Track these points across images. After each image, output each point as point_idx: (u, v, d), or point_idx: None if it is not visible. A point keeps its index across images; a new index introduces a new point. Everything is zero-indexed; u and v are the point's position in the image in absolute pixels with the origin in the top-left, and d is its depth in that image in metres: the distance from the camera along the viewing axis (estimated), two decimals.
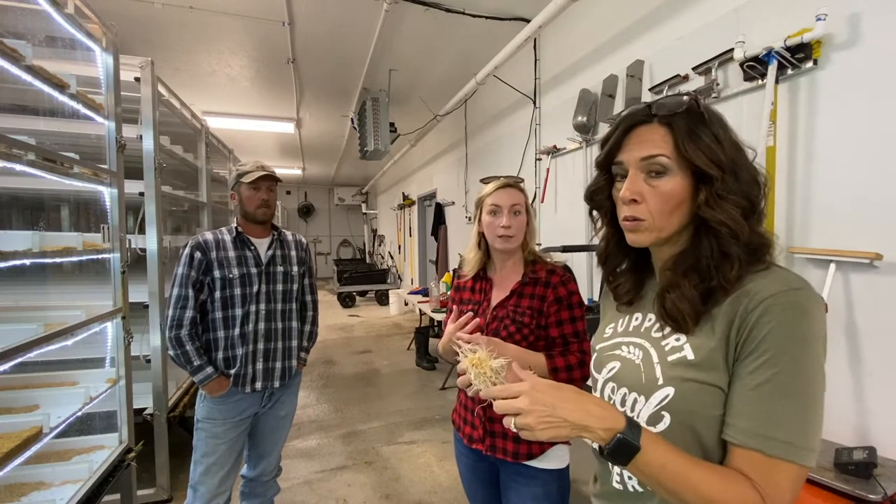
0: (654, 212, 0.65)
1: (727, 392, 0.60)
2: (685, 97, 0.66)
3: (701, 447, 0.62)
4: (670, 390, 0.63)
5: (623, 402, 0.70)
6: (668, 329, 0.68)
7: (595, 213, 0.80)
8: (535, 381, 0.61)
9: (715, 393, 0.61)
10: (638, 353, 0.71)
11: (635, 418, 0.66)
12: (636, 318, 0.76)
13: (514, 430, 0.60)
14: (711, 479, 0.56)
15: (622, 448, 0.56)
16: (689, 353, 0.63)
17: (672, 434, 0.62)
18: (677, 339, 0.66)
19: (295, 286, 1.85)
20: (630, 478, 0.70)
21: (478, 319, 1.20)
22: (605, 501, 0.76)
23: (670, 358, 0.65)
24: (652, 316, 0.72)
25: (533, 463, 1.22)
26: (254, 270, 1.74)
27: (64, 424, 1.52)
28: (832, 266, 1.57)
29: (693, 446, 0.62)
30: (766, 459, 0.56)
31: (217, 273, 1.68)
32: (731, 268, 0.62)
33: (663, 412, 0.63)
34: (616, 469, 0.72)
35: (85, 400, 1.65)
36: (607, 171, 0.73)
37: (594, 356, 0.81)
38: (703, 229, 0.65)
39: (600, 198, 0.76)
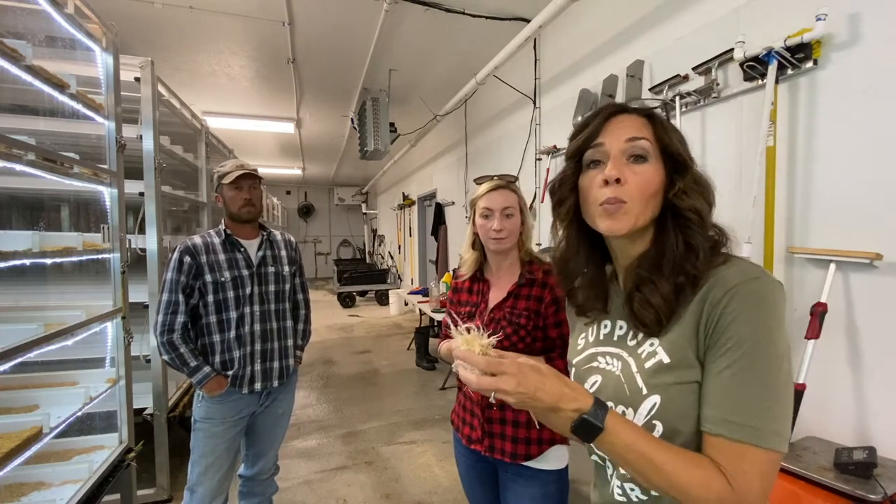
0: (634, 196, 0.65)
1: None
2: (653, 101, 0.73)
3: (697, 448, 0.62)
4: (657, 398, 0.63)
5: None
6: (641, 335, 0.68)
7: (558, 208, 0.76)
8: (521, 364, 0.61)
9: (696, 390, 0.62)
10: (616, 364, 0.71)
11: None
12: (605, 326, 0.76)
13: (493, 401, 0.60)
14: (677, 461, 0.57)
15: (586, 427, 0.58)
16: (663, 357, 0.64)
17: (668, 440, 0.62)
18: (651, 345, 0.66)
19: (287, 286, 1.85)
20: (633, 489, 0.70)
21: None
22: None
23: (647, 365, 0.65)
24: (622, 323, 0.72)
25: (531, 463, 1.21)
26: (245, 272, 1.74)
27: (64, 424, 1.52)
28: (832, 266, 1.57)
29: (690, 448, 0.62)
30: (730, 445, 0.57)
31: (208, 277, 1.67)
32: (696, 257, 0.63)
33: (654, 421, 0.64)
34: (616, 481, 0.72)
35: (85, 400, 1.65)
36: (578, 161, 0.72)
37: (572, 371, 0.80)
38: (671, 221, 0.67)
39: (565, 189, 0.74)
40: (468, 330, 0.74)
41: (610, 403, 0.68)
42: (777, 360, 0.57)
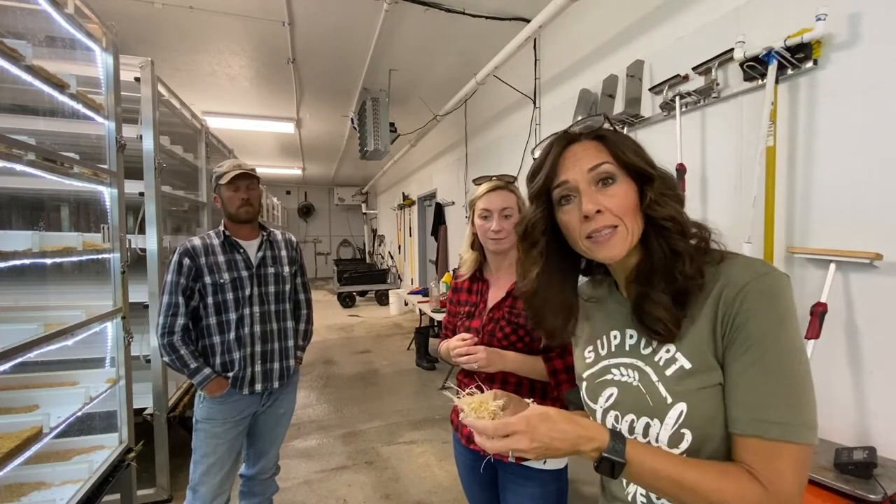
0: (622, 215, 0.65)
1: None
2: (597, 117, 0.70)
3: (727, 452, 0.61)
4: (683, 406, 0.62)
5: (632, 429, 0.68)
6: (655, 343, 0.67)
7: (528, 253, 0.75)
8: (529, 418, 0.61)
9: (720, 392, 0.61)
10: (633, 375, 0.69)
11: (652, 442, 0.65)
12: (615, 337, 0.74)
13: (512, 460, 0.61)
14: (707, 478, 0.57)
15: (608, 464, 0.58)
16: (684, 363, 0.63)
17: (698, 448, 0.62)
18: (667, 351, 0.65)
19: (287, 286, 1.84)
20: (658, 499, 0.68)
21: (476, 339, 1.21)
22: None
23: (668, 372, 0.64)
24: (632, 332, 0.71)
25: (530, 463, 1.21)
26: (244, 273, 1.73)
27: (64, 424, 1.53)
28: (832, 266, 1.57)
29: (721, 454, 0.62)
30: (765, 444, 0.56)
31: (208, 279, 1.67)
32: (683, 263, 0.63)
33: (683, 430, 0.62)
34: (640, 489, 0.71)
35: (85, 400, 1.65)
36: (545, 201, 0.72)
37: (584, 385, 0.78)
38: (652, 233, 0.66)
39: (537, 233, 0.73)
40: (479, 388, 0.76)
41: (631, 416, 0.68)
42: (797, 353, 0.57)
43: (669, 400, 0.63)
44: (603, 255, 0.67)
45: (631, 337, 0.72)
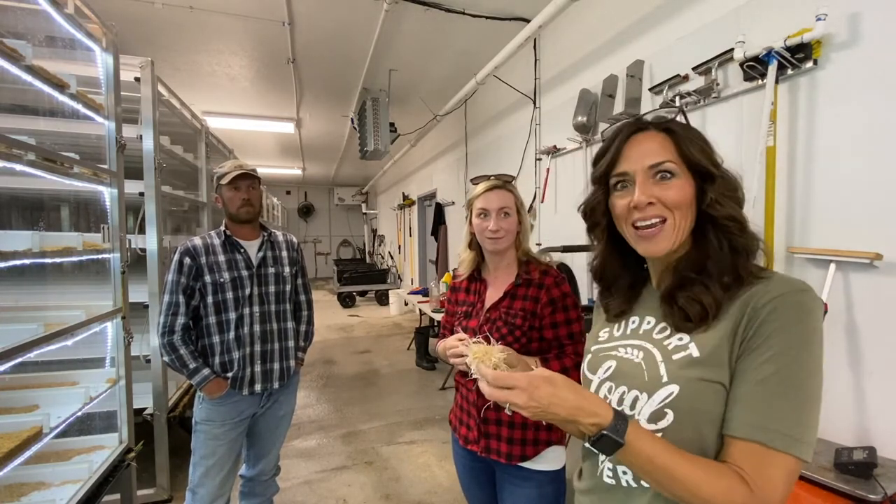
0: (673, 208, 0.66)
1: (729, 388, 0.61)
2: (672, 108, 0.72)
3: (701, 444, 0.62)
4: (675, 388, 0.63)
5: (621, 401, 0.70)
6: (669, 330, 0.68)
7: (592, 231, 0.79)
8: (533, 377, 0.62)
9: (718, 390, 0.61)
10: (637, 353, 0.71)
11: (636, 415, 0.66)
12: (633, 322, 0.76)
13: (509, 412, 0.64)
14: (698, 472, 0.57)
15: (606, 442, 0.58)
16: (693, 351, 0.64)
17: (675, 430, 0.63)
18: (680, 339, 0.66)
19: (287, 287, 1.84)
20: (625, 472, 0.70)
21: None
22: (594, 496, 0.76)
23: (675, 357, 0.66)
24: (651, 318, 0.73)
25: (527, 464, 1.21)
26: (245, 273, 1.73)
27: (64, 424, 1.53)
28: (832, 266, 1.57)
29: (694, 443, 0.62)
30: (765, 451, 0.57)
31: (208, 278, 1.68)
32: (744, 258, 0.65)
33: (667, 409, 0.64)
34: (607, 464, 0.72)
35: (85, 400, 1.65)
36: (605, 185, 0.74)
37: (588, 358, 0.80)
38: (711, 228, 0.67)
39: (597, 214, 0.76)
40: (486, 340, 0.77)
41: (623, 388, 0.70)
42: (815, 374, 0.58)
43: (665, 379, 0.65)
44: (644, 249, 0.69)
45: (648, 322, 0.73)
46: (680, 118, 0.71)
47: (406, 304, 7.22)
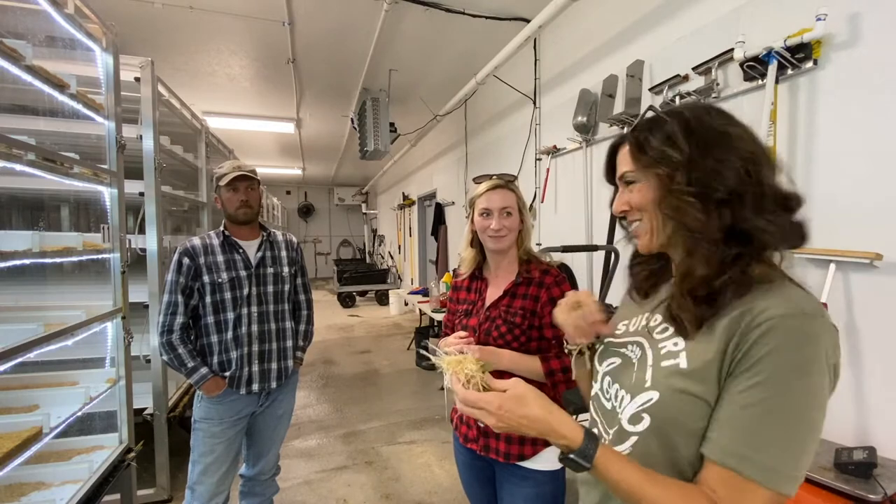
0: (640, 210, 0.69)
1: (713, 406, 0.59)
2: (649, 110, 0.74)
3: (672, 457, 0.61)
4: (655, 394, 0.63)
5: (616, 396, 0.71)
6: (671, 330, 0.67)
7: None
8: (504, 400, 0.63)
9: (700, 405, 0.59)
10: (637, 353, 0.71)
11: (620, 415, 0.68)
12: (646, 318, 0.76)
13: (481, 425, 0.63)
14: (668, 496, 0.56)
15: (572, 463, 0.60)
16: (682, 362, 0.62)
17: (648, 438, 0.63)
18: (675, 344, 0.65)
19: (286, 287, 1.84)
20: None
21: (472, 337, 1.21)
22: (586, 485, 0.78)
23: (664, 364, 0.65)
24: (658, 316, 0.73)
25: (525, 464, 1.21)
26: (243, 273, 1.74)
27: (64, 424, 1.53)
28: (832, 266, 1.56)
29: (665, 453, 0.62)
30: (739, 480, 0.54)
31: (206, 278, 1.68)
32: (696, 266, 0.62)
33: (644, 414, 0.64)
34: None
35: (85, 400, 1.65)
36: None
37: (600, 348, 0.81)
38: (682, 236, 0.67)
39: None
40: (460, 351, 0.77)
41: (617, 385, 0.71)
42: (812, 408, 0.55)
43: (648, 384, 0.65)
44: (638, 248, 0.73)
45: (656, 320, 0.73)
46: (649, 115, 0.73)
47: (406, 304, 7.22)
